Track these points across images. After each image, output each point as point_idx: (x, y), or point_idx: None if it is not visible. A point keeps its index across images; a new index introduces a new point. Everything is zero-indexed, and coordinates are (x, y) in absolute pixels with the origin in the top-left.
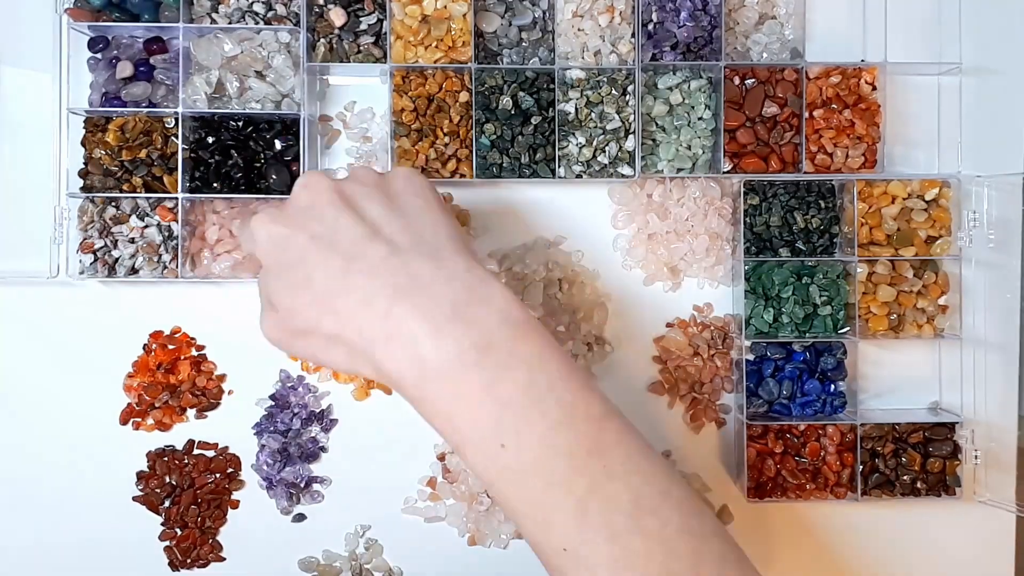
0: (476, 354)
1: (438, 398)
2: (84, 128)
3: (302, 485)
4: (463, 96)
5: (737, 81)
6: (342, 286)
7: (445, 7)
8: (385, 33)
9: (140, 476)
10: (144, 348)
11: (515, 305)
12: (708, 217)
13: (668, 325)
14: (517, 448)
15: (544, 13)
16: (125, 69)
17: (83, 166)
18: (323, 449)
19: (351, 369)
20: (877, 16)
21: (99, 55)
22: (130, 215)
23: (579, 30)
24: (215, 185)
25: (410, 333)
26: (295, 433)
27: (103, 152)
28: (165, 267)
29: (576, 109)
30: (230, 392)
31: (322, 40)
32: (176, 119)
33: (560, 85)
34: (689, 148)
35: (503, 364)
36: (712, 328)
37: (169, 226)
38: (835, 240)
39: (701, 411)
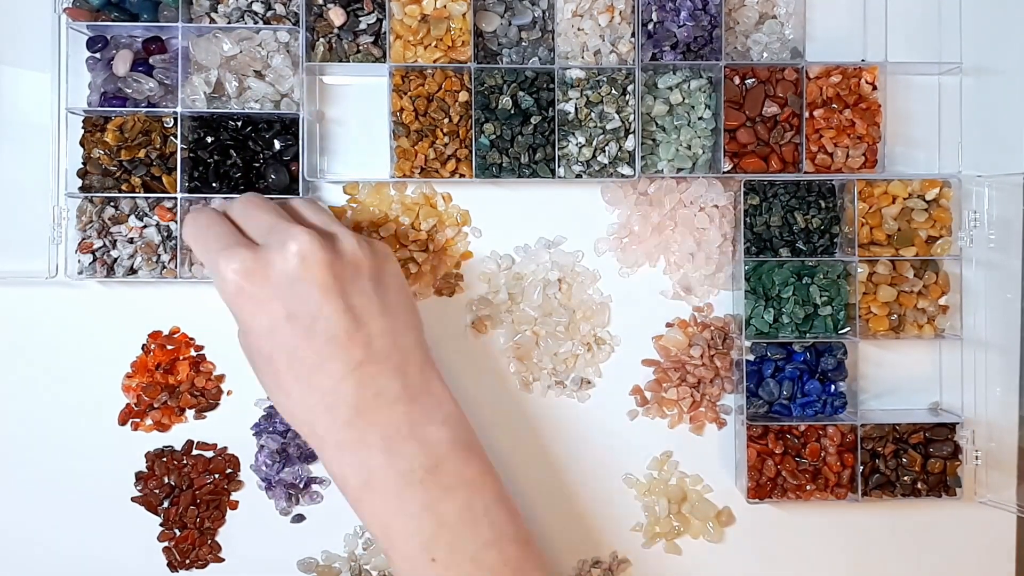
0: (423, 473)
1: (377, 508)
2: (83, 128)
3: (301, 486)
4: (463, 96)
5: (737, 81)
6: (307, 382)
7: (444, 6)
8: (384, 33)
9: (139, 477)
10: (143, 348)
11: (465, 426)
12: (710, 218)
13: (668, 325)
14: (447, 564)
15: (544, 13)
16: (125, 59)
17: (82, 166)
18: None
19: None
20: (877, 16)
21: (98, 55)
22: (129, 215)
23: (579, 30)
24: (214, 185)
25: (365, 446)
26: (294, 433)
27: (102, 152)
28: (164, 267)
29: (576, 109)
30: (229, 392)
31: (321, 40)
32: (175, 119)
33: (560, 85)
34: (689, 148)
35: (446, 485)
36: (712, 328)
37: (168, 226)
38: (835, 240)
39: (701, 412)
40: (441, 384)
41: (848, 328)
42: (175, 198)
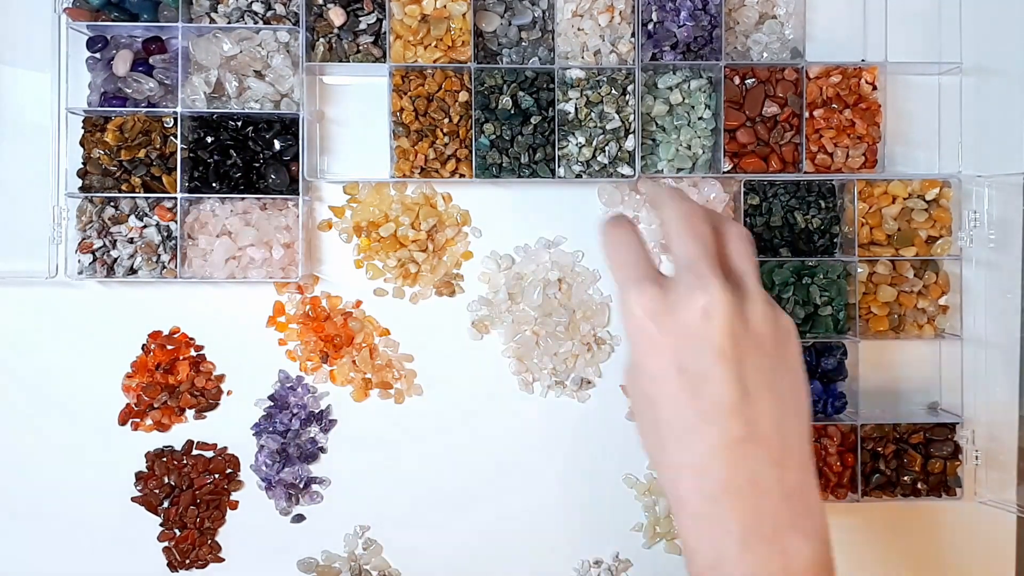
0: None
1: None
2: (83, 128)
3: (301, 486)
4: (463, 96)
5: (737, 81)
6: (682, 441)
7: (444, 6)
8: (384, 33)
9: (139, 476)
10: (143, 348)
11: (828, 547)
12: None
13: None
14: None
15: (544, 13)
16: (125, 59)
17: (82, 166)
18: (322, 449)
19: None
20: (877, 16)
21: (98, 55)
22: (129, 215)
23: (579, 30)
24: (214, 185)
25: (722, 529)
26: (294, 434)
27: (102, 152)
28: (164, 267)
29: (576, 109)
30: (229, 392)
31: (321, 40)
32: (175, 119)
33: (560, 85)
34: (689, 148)
35: None
36: None
37: (168, 226)
38: (835, 240)
39: None
40: (816, 492)
41: (848, 328)
42: (175, 198)
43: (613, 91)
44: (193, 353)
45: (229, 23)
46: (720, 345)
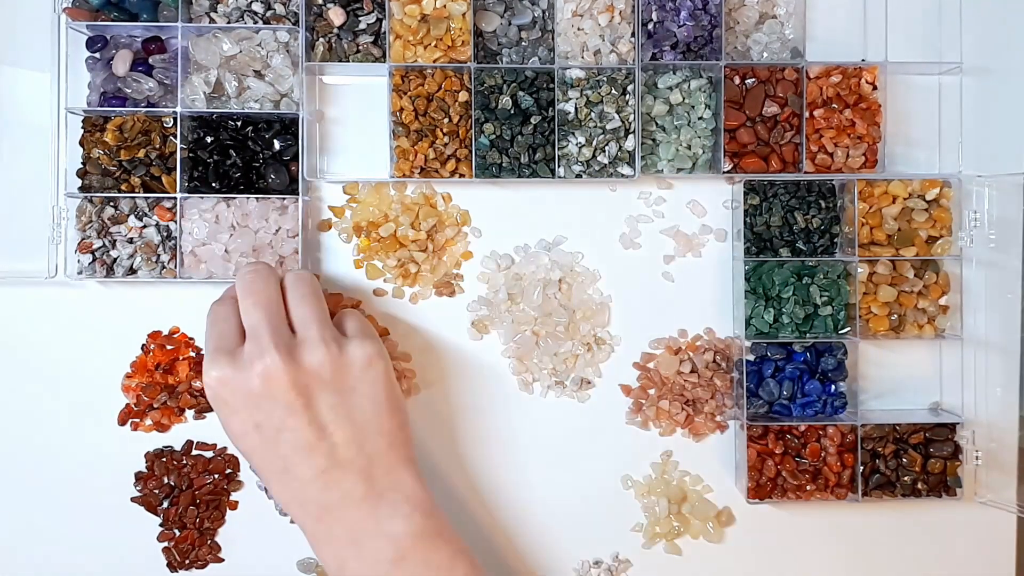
0: (389, 565)
1: None
2: (82, 128)
3: None
4: (462, 96)
5: (737, 81)
6: (279, 481)
7: (444, 6)
8: (384, 32)
9: (138, 477)
10: (142, 348)
11: (434, 515)
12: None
13: (658, 341)
14: None
15: (544, 12)
16: (125, 59)
17: (81, 166)
18: None
19: None
20: (877, 16)
21: (97, 55)
22: (128, 215)
23: (579, 29)
24: (214, 185)
25: (335, 540)
26: None
27: (101, 152)
28: (163, 267)
29: (576, 109)
30: None
31: (321, 39)
32: (175, 119)
33: (560, 85)
34: (689, 148)
35: (414, 573)
36: (713, 350)
37: (167, 226)
38: (836, 240)
39: (700, 424)
40: (412, 480)
41: (848, 328)
42: (175, 198)
43: (613, 91)
44: (193, 353)
45: (229, 23)
46: (287, 401)
